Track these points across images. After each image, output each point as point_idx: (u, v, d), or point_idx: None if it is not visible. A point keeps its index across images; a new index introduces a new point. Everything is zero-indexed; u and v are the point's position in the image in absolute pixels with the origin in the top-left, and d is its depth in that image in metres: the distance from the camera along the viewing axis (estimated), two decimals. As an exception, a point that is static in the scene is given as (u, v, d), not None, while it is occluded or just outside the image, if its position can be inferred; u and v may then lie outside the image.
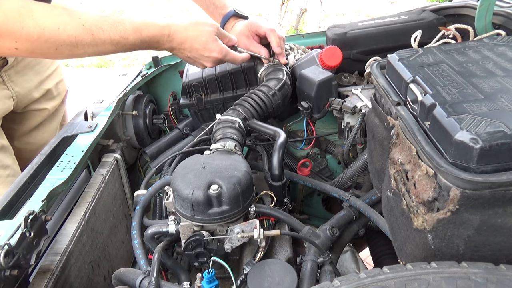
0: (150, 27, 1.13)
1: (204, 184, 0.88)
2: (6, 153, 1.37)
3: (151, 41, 1.13)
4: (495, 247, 0.66)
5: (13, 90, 1.39)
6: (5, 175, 1.33)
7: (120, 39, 1.08)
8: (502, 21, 1.18)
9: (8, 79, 1.37)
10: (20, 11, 0.98)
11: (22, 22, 0.98)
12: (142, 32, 1.11)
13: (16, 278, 0.79)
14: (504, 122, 0.63)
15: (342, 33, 1.35)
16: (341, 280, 0.67)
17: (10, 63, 1.36)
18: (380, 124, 0.92)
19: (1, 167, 1.33)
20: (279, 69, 1.34)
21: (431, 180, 0.67)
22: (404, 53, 0.92)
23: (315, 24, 5.73)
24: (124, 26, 1.09)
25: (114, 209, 1.23)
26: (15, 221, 0.85)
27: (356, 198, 1.12)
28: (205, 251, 0.92)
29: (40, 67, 1.51)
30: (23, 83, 1.43)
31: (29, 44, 1.00)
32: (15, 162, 1.40)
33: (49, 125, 1.60)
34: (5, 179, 1.32)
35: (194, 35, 1.18)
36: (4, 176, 1.32)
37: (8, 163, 1.36)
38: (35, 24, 0.99)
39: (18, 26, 0.98)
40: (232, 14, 1.41)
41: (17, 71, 1.40)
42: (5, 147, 1.37)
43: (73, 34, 1.03)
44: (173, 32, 1.16)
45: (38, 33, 0.99)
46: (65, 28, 1.02)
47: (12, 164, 1.38)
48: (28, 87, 1.45)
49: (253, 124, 1.18)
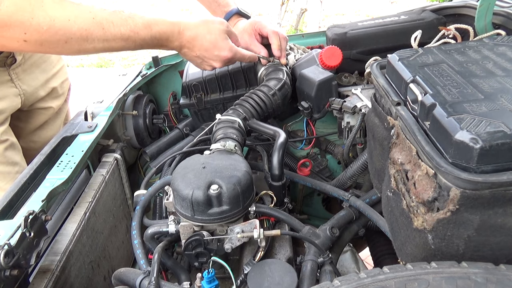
0: (160, 23, 1.11)
1: (204, 184, 0.88)
2: (15, 150, 1.39)
3: (161, 37, 1.12)
4: (495, 247, 0.66)
5: (20, 88, 1.40)
6: (14, 172, 1.34)
7: (130, 33, 1.07)
8: (502, 21, 1.18)
9: (16, 77, 1.38)
10: (30, 1, 0.97)
11: (32, 12, 0.96)
12: (153, 28, 1.10)
13: (16, 278, 0.79)
14: (504, 122, 0.63)
15: (342, 33, 1.35)
16: (341, 280, 0.67)
17: (18, 61, 1.38)
18: (380, 124, 0.92)
19: (11, 164, 1.34)
20: (279, 69, 1.34)
21: (431, 180, 0.67)
22: (404, 53, 0.92)
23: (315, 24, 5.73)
24: (135, 21, 1.08)
25: (114, 209, 1.23)
26: (15, 221, 0.85)
27: (356, 198, 1.12)
28: (205, 251, 0.92)
29: (46, 65, 1.52)
30: (30, 81, 1.44)
31: (38, 36, 0.98)
32: (23, 159, 1.41)
33: (53, 123, 1.61)
34: (14, 175, 1.32)
35: (204, 32, 1.16)
36: (13, 173, 1.34)
37: (17, 160, 1.37)
38: (45, 14, 0.97)
39: (28, 16, 0.96)
40: (235, 11, 1.41)
41: (24, 69, 1.41)
42: (14, 144, 1.38)
43: (84, 27, 1.01)
44: (183, 29, 1.14)
45: (48, 24, 0.98)
46: (76, 20, 1.00)
47: (21, 161, 1.39)
48: (34, 85, 1.46)
49: (253, 124, 1.18)
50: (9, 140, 1.36)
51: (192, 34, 1.15)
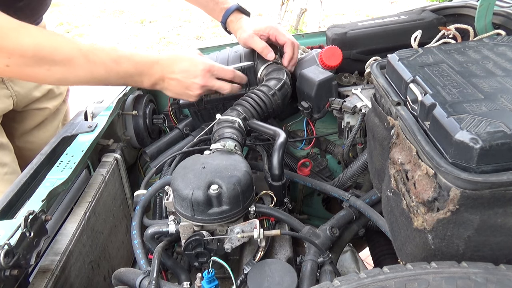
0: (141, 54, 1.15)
1: (204, 184, 0.88)
2: (5, 150, 1.38)
3: (143, 67, 1.14)
4: (495, 247, 0.66)
5: (12, 89, 1.39)
6: (3, 173, 1.33)
7: (113, 64, 1.09)
8: (502, 21, 1.18)
9: (8, 79, 1.38)
10: (17, 29, 0.99)
11: (19, 38, 0.98)
12: (135, 58, 1.13)
13: (16, 278, 0.79)
14: (504, 122, 0.63)
15: (342, 33, 1.35)
16: (341, 280, 0.67)
17: None
18: (380, 124, 0.92)
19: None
20: (279, 69, 1.34)
21: (431, 180, 0.67)
22: (404, 53, 0.92)
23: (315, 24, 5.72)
24: (118, 53, 1.10)
25: (114, 209, 1.23)
26: (15, 221, 0.85)
27: (356, 198, 1.12)
28: (205, 251, 0.92)
29: None
30: (23, 83, 1.43)
31: (22, 61, 1.00)
32: (14, 160, 1.40)
33: (50, 124, 1.60)
34: (3, 176, 1.32)
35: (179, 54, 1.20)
36: (1, 174, 1.32)
37: (6, 161, 1.36)
38: (32, 41, 1.00)
39: (14, 41, 0.98)
40: (235, 8, 1.40)
41: None
42: (3, 144, 1.38)
43: (69, 56, 1.03)
44: (161, 58, 1.17)
45: (33, 50, 0.99)
46: (61, 49, 1.03)
47: (11, 162, 1.38)
48: (28, 86, 1.45)
49: (253, 124, 1.18)
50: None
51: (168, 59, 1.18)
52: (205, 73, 1.18)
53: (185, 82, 1.18)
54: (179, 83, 1.18)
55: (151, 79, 1.16)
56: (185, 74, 1.17)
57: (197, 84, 1.19)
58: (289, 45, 1.33)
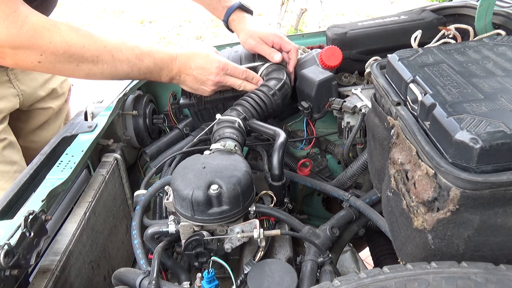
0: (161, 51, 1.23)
1: (204, 184, 0.88)
2: (14, 149, 1.39)
3: (163, 63, 1.22)
4: (495, 247, 0.66)
5: (19, 88, 1.41)
6: (13, 171, 1.34)
7: (136, 61, 1.17)
8: (502, 21, 1.18)
9: (14, 78, 1.39)
10: (48, 27, 1.06)
11: (50, 37, 1.05)
12: (155, 55, 1.20)
13: (16, 278, 0.79)
14: (504, 122, 0.63)
15: (342, 33, 1.35)
16: (341, 280, 0.67)
17: None
18: (380, 124, 0.92)
19: (9, 163, 1.34)
20: (279, 69, 1.34)
21: (431, 180, 0.67)
22: (404, 53, 0.92)
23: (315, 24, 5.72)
24: (140, 50, 1.18)
25: (114, 209, 1.23)
26: (15, 221, 0.85)
27: (356, 198, 1.12)
28: (205, 251, 0.92)
29: None
30: (29, 82, 1.44)
31: (53, 58, 1.07)
32: (22, 158, 1.42)
33: (53, 123, 1.61)
34: (13, 175, 1.33)
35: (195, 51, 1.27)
36: (12, 172, 1.34)
37: (16, 159, 1.38)
38: (62, 40, 1.06)
39: (46, 40, 1.05)
40: (237, 5, 1.42)
41: (23, 70, 1.41)
42: (12, 143, 1.39)
43: (96, 54, 1.11)
44: (179, 54, 1.25)
45: (64, 48, 1.07)
46: (89, 47, 1.10)
47: (20, 161, 1.39)
48: (33, 86, 1.47)
49: (253, 124, 1.18)
50: (8, 139, 1.36)
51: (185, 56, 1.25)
52: (219, 71, 1.25)
53: (200, 78, 1.26)
54: (194, 78, 1.26)
55: (169, 75, 1.25)
56: (201, 71, 1.25)
57: (211, 81, 1.26)
58: (294, 52, 1.36)
